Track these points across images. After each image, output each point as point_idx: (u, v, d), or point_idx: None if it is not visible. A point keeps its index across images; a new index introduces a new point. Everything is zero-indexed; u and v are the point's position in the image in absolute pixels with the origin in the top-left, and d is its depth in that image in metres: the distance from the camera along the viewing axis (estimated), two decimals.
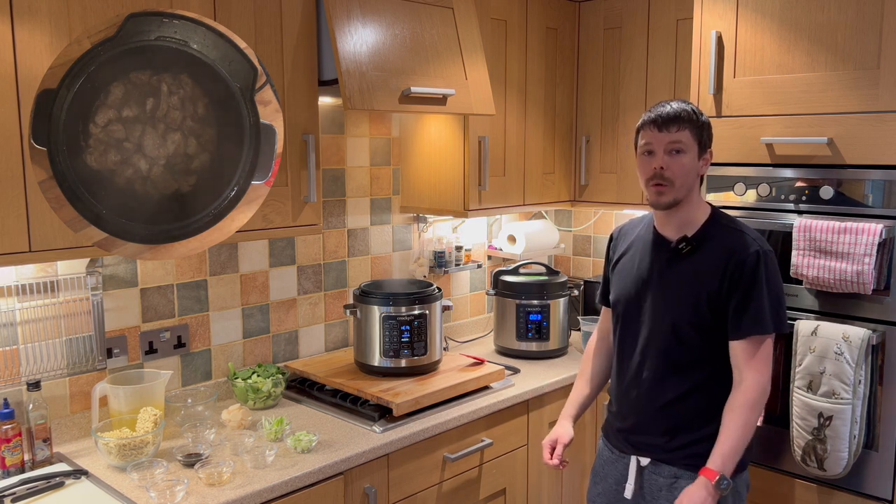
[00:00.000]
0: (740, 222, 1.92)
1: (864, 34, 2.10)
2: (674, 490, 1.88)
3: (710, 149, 1.90)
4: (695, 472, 1.84)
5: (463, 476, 2.35)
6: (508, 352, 2.93)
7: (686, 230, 1.90)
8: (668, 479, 1.90)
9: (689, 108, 1.86)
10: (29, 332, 2.01)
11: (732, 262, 1.82)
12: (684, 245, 1.89)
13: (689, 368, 1.88)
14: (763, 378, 1.81)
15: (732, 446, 1.78)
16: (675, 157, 1.83)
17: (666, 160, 1.83)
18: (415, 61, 2.29)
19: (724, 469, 1.77)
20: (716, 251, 1.85)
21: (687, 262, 1.89)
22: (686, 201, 1.88)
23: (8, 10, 1.61)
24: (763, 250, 1.83)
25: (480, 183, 2.72)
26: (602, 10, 3.00)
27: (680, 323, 1.87)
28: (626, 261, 2.03)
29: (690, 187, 1.86)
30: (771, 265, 1.83)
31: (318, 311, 2.71)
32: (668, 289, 1.90)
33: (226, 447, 2.03)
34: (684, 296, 1.87)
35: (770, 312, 1.81)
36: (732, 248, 1.84)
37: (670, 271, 1.91)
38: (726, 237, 1.87)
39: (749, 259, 1.81)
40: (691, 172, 1.85)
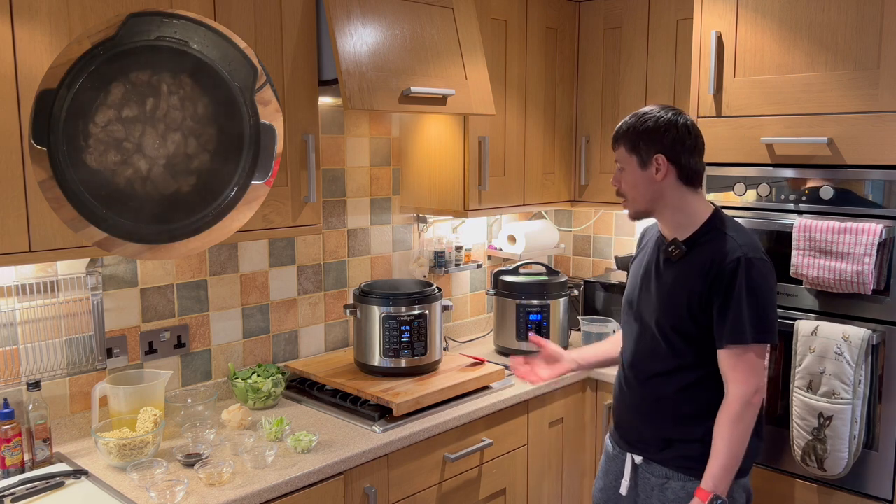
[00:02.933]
0: (737, 227, 1.87)
1: (864, 34, 2.10)
2: (665, 491, 1.88)
3: (656, 154, 1.82)
4: (685, 473, 1.85)
5: (463, 476, 2.35)
6: (508, 352, 2.92)
7: (680, 233, 1.89)
8: (660, 479, 1.90)
9: (632, 120, 1.86)
10: (29, 332, 2.01)
11: (714, 268, 1.79)
12: (673, 248, 1.88)
13: (676, 371, 1.87)
14: (746, 388, 1.76)
15: (722, 465, 1.76)
16: (622, 174, 1.91)
17: (618, 177, 1.91)
18: (415, 61, 2.29)
19: (716, 489, 1.75)
20: (703, 256, 1.82)
21: (677, 265, 1.87)
22: (661, 207, 1.87)
23: (8, 10, 1.61)
24: (747, 257, 1.77)
25: (480, 183, 2.72)
26: (602, 10, 3.00)
27: (664, 326, 1.87)
28: (637, 261, 2.05)
29: (652, 198, 1.86)
30: (755, 273, 1.77)
31: (318, 311, 2.71)
32: (658, 291, 1.91)
33: (226, 447, 2.03)
34: (670, 299, 1.86)
35: (750, 322, 1.75)
36: (717, 254, 1.80)
37: (662, 274, 1.91)
38: (714, 242, 1.83)
39: (728, 266, 1.77)
40: (639, 185, 1.86)
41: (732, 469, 1.77)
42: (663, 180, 1.84)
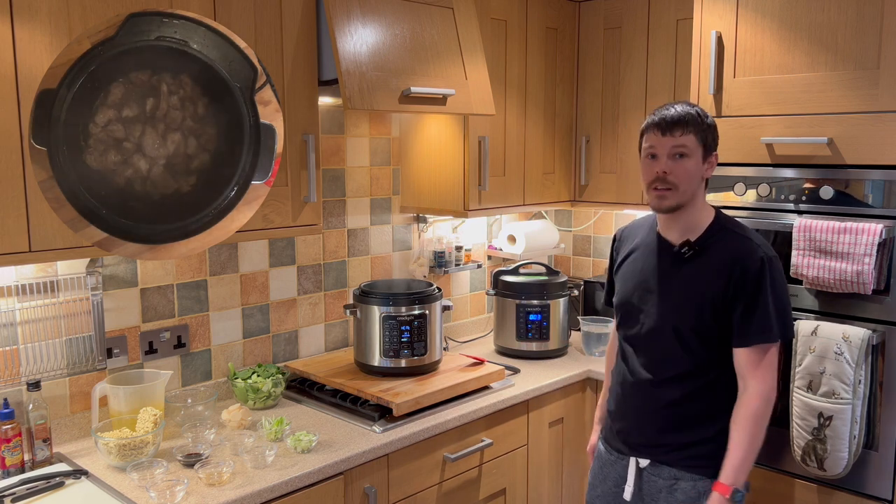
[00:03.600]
0: (745, 227, 1.90)
1: (864, 34, 2.10)
2: (673, 492, 1.87)
3: (715, 151, 1.88)
4: (695, 473, 1.84)
5: (463, 476, 2.35)
6: (508, 352, 2.92)
7: (690, 234, 1.88)
8: (668, 480, 1.89)
9: (693, 110, 1.84)
10: (29, 332, 2.01)
11: (738, 268, 1.80)
12: (687, 249, 1.87)
13: (690, 372, 1.87)
14: (766, 387, 1.80)
15: (742, 457, 1.77)
16: (679, 161, 1.82)
17: (669, 164, 1.82)
18: (415, 61, 2.29)
19: (736, 482, 1.76)
20: (720, 256, 1.83)
21: (690, 266, 1.87)
22: (690, 205, 1.86)
23: (8, 10, 1.61)
24: (768, 257, 1.81)
25: (480, 183, 2.72)
26: (602, 10, 3.00)
27: (682, 328, 1.86)
28: (630, 263, 2.02)
29: (694, 191, 1.85)
30: (776, 272, 1.81)
31: (318, 311, 2.71)
32: (670, 293, 1.89)
33: (226, 447, 2.03)
34: (687, 301, 1.86)
35: (776, 320, 1.79)
36: (738, 254, 1.81)
37: (673, 276, 1.89)
38: (732, 242, 1.84)
39: (754, 266, 1.79)
40: (695, 177, 1.84)
41: (751, 463, 1.79)
42: (704, 178, 1.88)
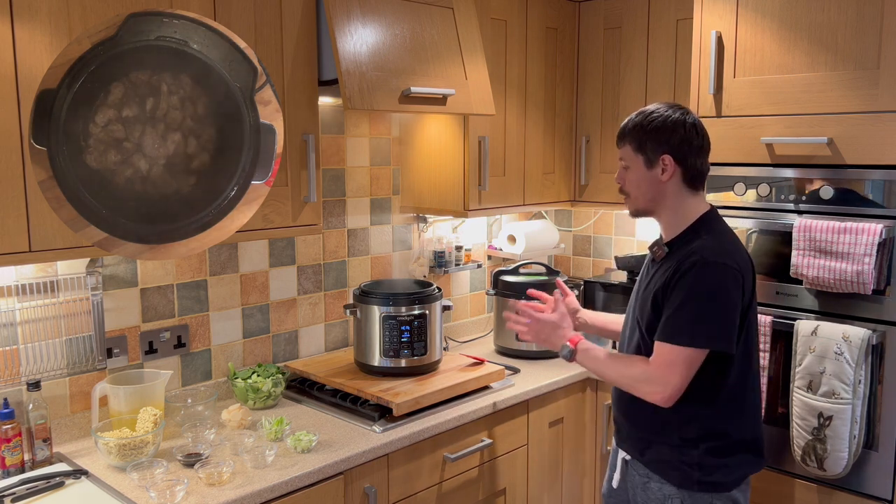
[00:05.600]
0: (718, 230, 1.83)
1: (864, 34, 2.10)
2: (646, 490, 1.90)
3: (663, 155, 1.80)
4: (662, 477, 1.86)
5: (463, 476, 2.35)
6: (508, 352, 2.92)
7: (668, 234, 1.89)
8: (642, 478, 1.92)
9: (638, 118, 1.84)
10: (29, 332, 2.01)
11: (675, 267, 1.77)
12: (656, 249, 1.89)
13: None
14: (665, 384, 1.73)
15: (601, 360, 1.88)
16: (626, 171, 1.88)
17: (621, 174, 1.90)
18: (415, 61, 2.29)
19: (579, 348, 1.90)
20: (677, 257, 1.80)
21: (659, 266, 1.87)
22: (661, 209, 1.87)
23: (8, 10, 1.61)
24: (706, 261, 1.72)
25: (480, 183, 2.72)
26: (602, 10, 3.00)
27: (643, 326, 1.87)
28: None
29: (653, 197, 1.85)
30: (708, 277, 1.72)
31: (318, 311, 2.71)
32: (639, 293, 1.93)
33: (226, 447, 2.03)
34: (645, 299, 1.86)
35: (692, 325, 1.71)
36: (682, 254, 1.78)
37: (649, 275, 1.92)
38: (688, 244, 1.80)
39: (686, 266, 1.74)
40: (643, 184, 1.84)
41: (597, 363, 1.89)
42: (668, 181, 1.82)
